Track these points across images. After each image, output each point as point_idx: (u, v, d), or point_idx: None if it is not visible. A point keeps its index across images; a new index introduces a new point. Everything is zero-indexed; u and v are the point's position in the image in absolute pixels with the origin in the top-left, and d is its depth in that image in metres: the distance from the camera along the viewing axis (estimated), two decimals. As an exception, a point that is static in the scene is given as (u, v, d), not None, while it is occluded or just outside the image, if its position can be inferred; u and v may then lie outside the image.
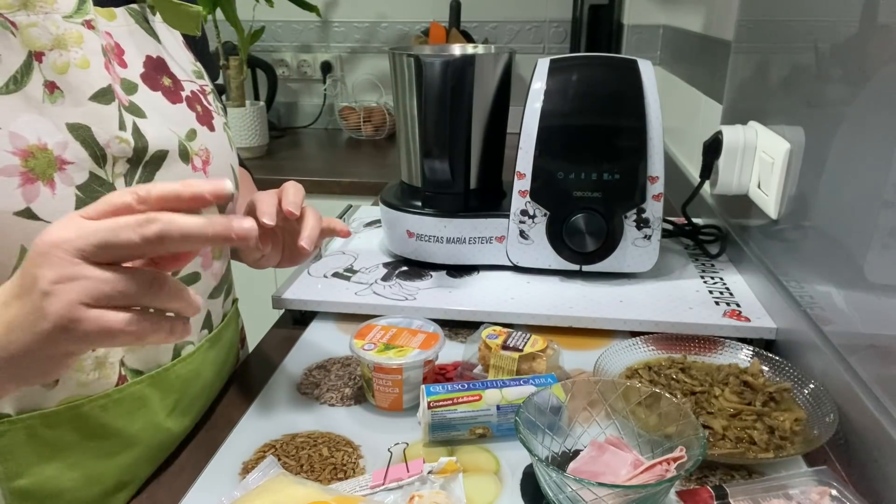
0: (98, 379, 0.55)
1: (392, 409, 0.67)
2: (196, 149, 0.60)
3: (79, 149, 0.51)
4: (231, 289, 0.74)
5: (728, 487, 0.54)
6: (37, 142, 0.49)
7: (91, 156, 0.52)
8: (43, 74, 0.50)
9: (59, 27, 0.50)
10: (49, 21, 0.50)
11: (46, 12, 0.50)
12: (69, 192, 0.50)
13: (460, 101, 0.86)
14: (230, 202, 0.65)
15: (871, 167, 0.60)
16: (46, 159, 0.49)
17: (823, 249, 0.70)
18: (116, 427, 0.57)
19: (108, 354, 0.56)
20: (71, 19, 0.51)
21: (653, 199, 0.86)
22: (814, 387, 0.65)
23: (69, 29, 0.51)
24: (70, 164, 0.50)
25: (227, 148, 0.66)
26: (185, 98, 0.61)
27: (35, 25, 0.49)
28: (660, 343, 0.74)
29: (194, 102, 0.62)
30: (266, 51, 2.31)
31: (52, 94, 0.50)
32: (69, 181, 0.50)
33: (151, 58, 0.59)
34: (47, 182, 0.49)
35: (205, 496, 0.57)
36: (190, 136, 0.60)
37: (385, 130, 2.21)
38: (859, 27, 0.65)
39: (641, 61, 0.86)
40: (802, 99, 0.77)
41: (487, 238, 0.92)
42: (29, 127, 0.49)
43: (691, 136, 1.41)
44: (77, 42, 0.51)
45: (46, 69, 0.50)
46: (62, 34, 0.51)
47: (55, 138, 0.50)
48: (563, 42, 2.20)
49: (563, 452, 0.59)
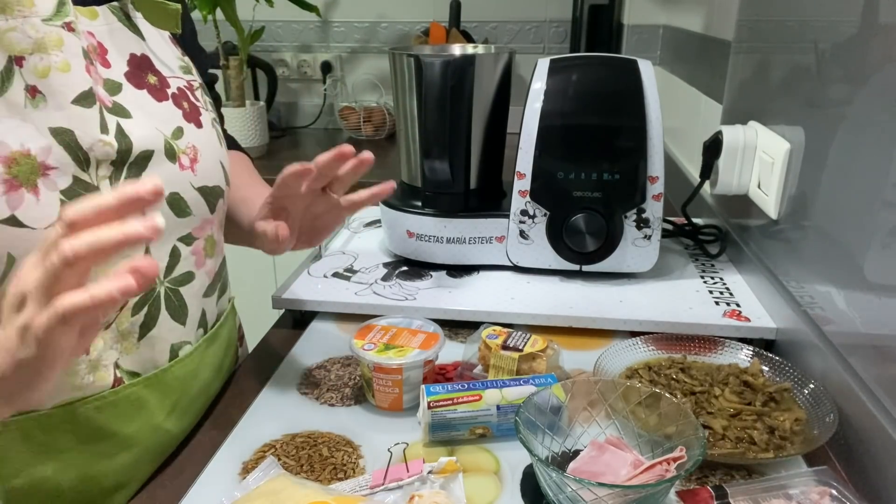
0: (93, 382, 0.55)
1: (392, 409, 0.67)
2: (183, 147, 0.59)
3: (62, 153, 0.50)
4: (226, 287, 0.74)
5: (728, 487, 0.54)
6: (20, 148, 0.48)
7: (74, 160, 0.51)
8: (24, 79, 0.49)
9: (38, 31, 0.50)
10: (28, 25, 0.49)
11: (25, 16, 0.49)
12: (53, 198, 0.50)
13: (460, 101, 0.86)
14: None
15: (871, 167, 0.60)
16: (30, 165, 0.49)
17: (823, 249, 0.70)
18: (113, 429, 0.57)
19: (102, 357, 0.56)
20: (50, 22, 0.50)
21: (653, 199, 0.86)
22: (814, 387, 0.65)
23: (49, 32, 0.50)
24: (53, 170, 0.50)
25: (216, 144, 0.65)
26: (172, 95, 0.61)
27: (14, 30, 0.49)
28: (660, 343, 0.74)
29: (181, 99, 0.61)
30: (266, 51, 2.31)
31: (34, 98, 0.49)
32: (53, 186, 0.50)
33: (136, 56, 0.59)
34: (31, 189, 0.49)
35: (205, 496, 0.57)
36: (176, 134, 0.59)
37: (385, 130, 2.22)
38: (859, 27, 0.65)
39: (641, 61, 0.86)
40: (802, 99, 0.77)
41: (487, 238, 0.92)
42: (11, 133, 0.48)
43: (691, 136, 1.41)
44: (57, 45, 0.51)
45: (27, 74, 0.49)
46: (42, 38, 0.50)
47: (38, 143, 0.49)
48: (563, 42, 2.20)
49: (563, 452, 0.59)
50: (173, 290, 0.61)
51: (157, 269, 0.37)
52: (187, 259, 0.62)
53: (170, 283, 0.60)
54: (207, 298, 0.67)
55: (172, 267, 0.60)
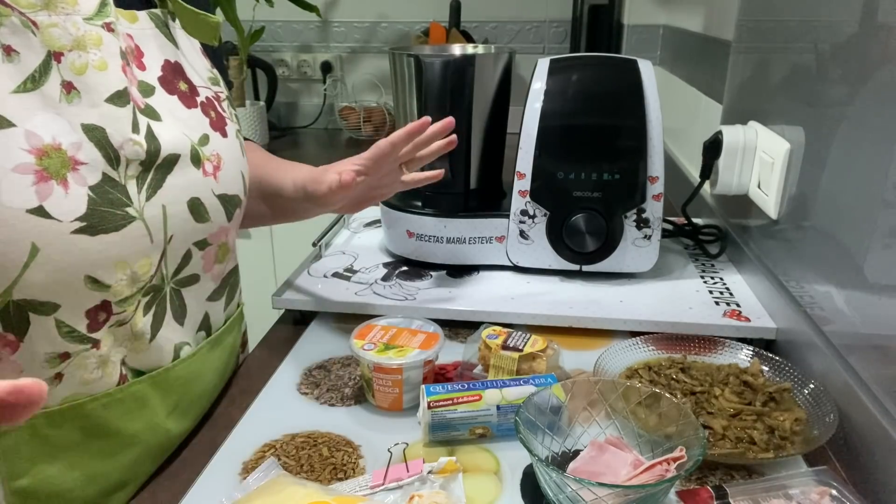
0: (101, 378, 0.56)
1: (392, 409, 0.67)
2: (208, 154, 0.60)
3: (92, 149, 0.51)
4: (235, 293, 0.73)
5: (728, 487, 0.54)
6: (51, 141, 0.49)
7: (104, 157, 0.52)
8: (61, 74, 0.50)
9: (79, 28, 0.51)
10: (70, 22, 0.50)
11: (68, 13, 0.50)
12: (82, 192, 0.50)
13: (460, 101, 0.86)
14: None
15: (871, 167, 0.60)
16: (60, 159, 0.49)
17: (823, 249, 0.70)
18: (117, 427, 0.58)
19: (111, 353, 0.56)
20: (91, 21, 0.52)
21: (653, 199, 0.86)
22: (814, 387, 0.65)
23: (89, 31, 0.51)
24: (83, 165, 0.51)
25: (239, 154, 0.66)
26: (200, 104, 0.62)
27: (56, 26, 0.50)
28: (660, 343, 0.74)
29: (209, 108, 0.63)
30: (266, 51, 2.31)
31: (69, 94, 0.50)
32: (82, 181, 0.51)
33: (170, 62, 0.60)
34: (60, 181, 0.49)
35: (205, 496, 0.57)
36: (203, 140, 0.60)
37: (385, 130, 2.21)
38: (859, 27, 0.65)
39: (641, 61, 0.86)
40: (802, 99, 0.77)
41: (487, 238, 0.92)
42: (44, 126, 0.49)
43: (691, 136, 1.41)
44: (96, 44, 0.52)
45: (65, 69, 0.50)
46: (82, 35, 0.51)
47: (70, 138, 0.50)
48: (563, 42, 2.20)
49: (563, 452, 0.59)
50: (176, 290, 0.61)
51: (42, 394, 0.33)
52: (196, 262, 0.62)
53: (175, 283, 0.60)
54: (213, 302, 0.67)
55: (181, 269, 0.61)
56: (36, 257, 0.48)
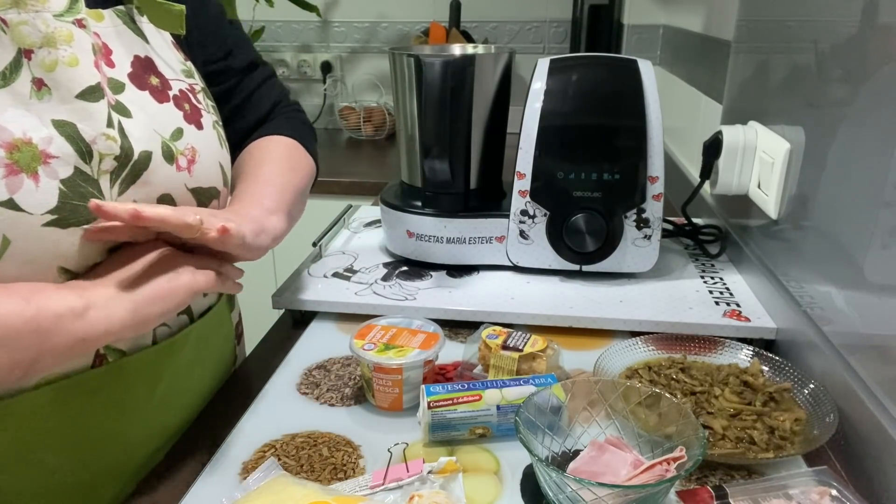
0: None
1: (392, 409, 0.67)
2: (181, 148, 0.60)
3: (64, 144, 0.51)
4: None
5: (728, 487, 0.54)
6: (22, 136, 0.50)
7: (76, 151, 0.52)
8: (31, 71, 0.51)
9: (49, 25, 0.51)
10: (39, 19, 0.51)
11: (37, 10, 0.51)
12: (53, 186, 0.51)
13: (460, 101, 0.86)
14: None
15: (871, 167, 0.60)
16: (31, 153, 0.50)
17: (823, 249, 0.70)
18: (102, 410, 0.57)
19: None
20: (62, 18, 0.52)
21: (653, 199, 0.86)
22: (814, 387, 0.65)
23: (59, 27, 0.52)
24: (55, 159, 0.51)
25: (216, 146, 0.66)
26: (173, 97, 0.62)
27: (25, 23, 0.50)
28: (660, 343, 0.74)
29: (182, 101, 0.63)
30: (266, 51, 2.31)
31: (40, 90, 0.51)
32: (54, 175, 0.51)
33: (139, 57, 0.60)
34: (31, 175, 0.50)
35: (205, 496, 0.57)
36: (176, 135, 0.60)
37: (385, 130, 2.22)
38: (859, 27, 0.65)
39: (641, 61, 0.86)
40: (802, 99, 0.77)
41: (487, 238, 0.92)
42: (14, 121, 0.50)
43: (691, 136, 1.41)
44: (67, 40, 0.52)
45: (35, 66, 0.51)
46: (52, 32, 0.51)
47: (40, 133, 0.50)
48: (563, 42, 2.20)
49: (563, 452, 0.59)
50: None
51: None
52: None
53: None
54: None
55: None
56: (7, 249, 0.49)
